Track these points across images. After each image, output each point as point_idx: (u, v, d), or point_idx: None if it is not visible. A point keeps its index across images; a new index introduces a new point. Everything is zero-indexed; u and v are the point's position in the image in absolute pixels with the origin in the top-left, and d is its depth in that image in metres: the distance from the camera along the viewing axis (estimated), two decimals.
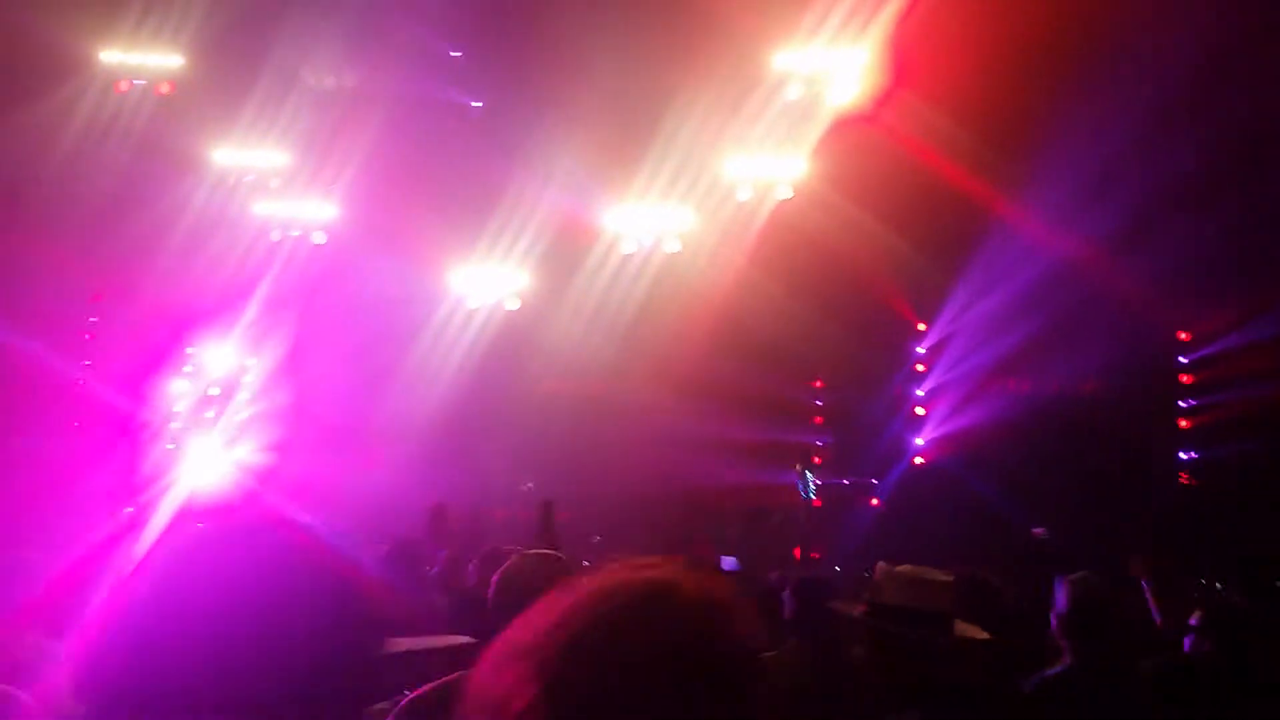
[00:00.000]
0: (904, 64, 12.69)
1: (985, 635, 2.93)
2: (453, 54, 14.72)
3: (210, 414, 14.29)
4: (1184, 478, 13.37)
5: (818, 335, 13.27)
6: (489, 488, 13.11)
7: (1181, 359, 13.50)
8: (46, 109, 13.53)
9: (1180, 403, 13.52)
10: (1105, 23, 11.36)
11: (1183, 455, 13.45)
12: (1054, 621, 3.70)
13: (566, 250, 14.65)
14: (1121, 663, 3.74)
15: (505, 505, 12.80)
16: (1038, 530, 9.86)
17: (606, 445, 13.53)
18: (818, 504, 12.51)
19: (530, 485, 13.26)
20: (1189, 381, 13.48)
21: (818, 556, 11.41)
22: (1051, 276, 12.56)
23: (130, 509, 10.75)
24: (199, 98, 14.21)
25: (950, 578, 2.90)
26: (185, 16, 13.79)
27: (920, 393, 14.32)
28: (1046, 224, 12.53)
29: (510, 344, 14.69)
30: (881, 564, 2.95)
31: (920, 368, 14.43)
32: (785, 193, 13.90)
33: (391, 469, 12.78)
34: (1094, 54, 11.62)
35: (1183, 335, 13.48)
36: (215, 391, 14.46)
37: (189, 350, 14.50)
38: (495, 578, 3.51)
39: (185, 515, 11.07)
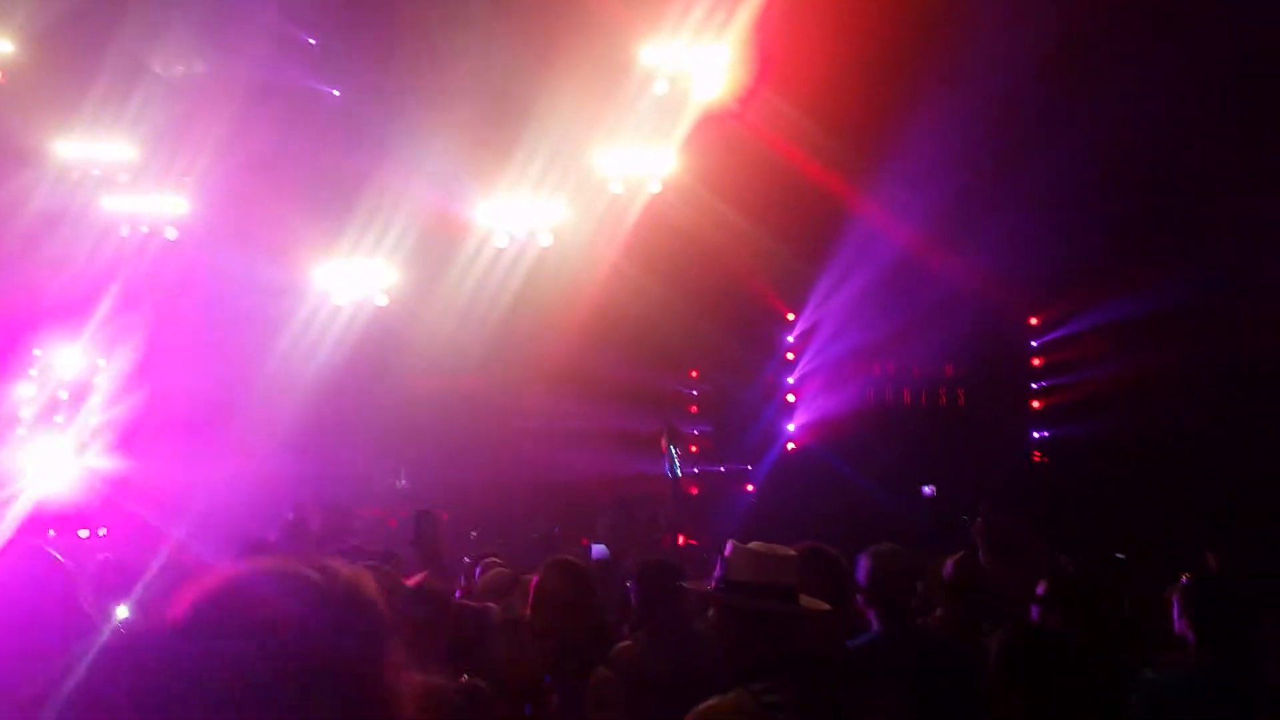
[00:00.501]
0: (764, 61, 12.91)
1: (826, 606, 3.03)
2: (309, 40, 14.26)
3: (59, 418, 13.56)
4: (1036, 456, 14.08)
5: (691, 327, 13.43)
6: (360, 485, 12.83)
7: (1033, 343, 14.19)
8: None
9: (1032, 384, 14.22)
10: (952, 22, 11.78)
11: (1035, 434, 14.16)
12: (860, 592, 3.88)
13: (437, 245, 14.40)
14: (925, 629, 4.09)
15: (379, 503, 12.54)
16: (927, 489, 10.23)
17: (479, 440, 13.41)
18: (692, 490, 12.67)
19: (404, 482, 13.04)
20: (1040, 364, 14.19)
21: (695, 544, 11.56)
22: (906, 267, 13.02)
23: None
24: (36, 86, 13.40)
25: (794, 552, 3.00)
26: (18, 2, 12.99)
27: (791, 380, 14.66)
28: (900, 217, 12.97)
29: (380, 340, 14.37)
30: (731, 541, 3.01)
31: (790, 356, 14.78)
32: (655, 187, 13.98)
33: (256, 469, 12.38)
34: (940, 52, 12.01)
35: (1033, 320, 14.17)
36: (64, 394, 13.73)
37: (35, 351, 13.73)
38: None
39: (34, 523, 10.54)
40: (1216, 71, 10.91)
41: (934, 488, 10.55)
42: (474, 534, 10.89)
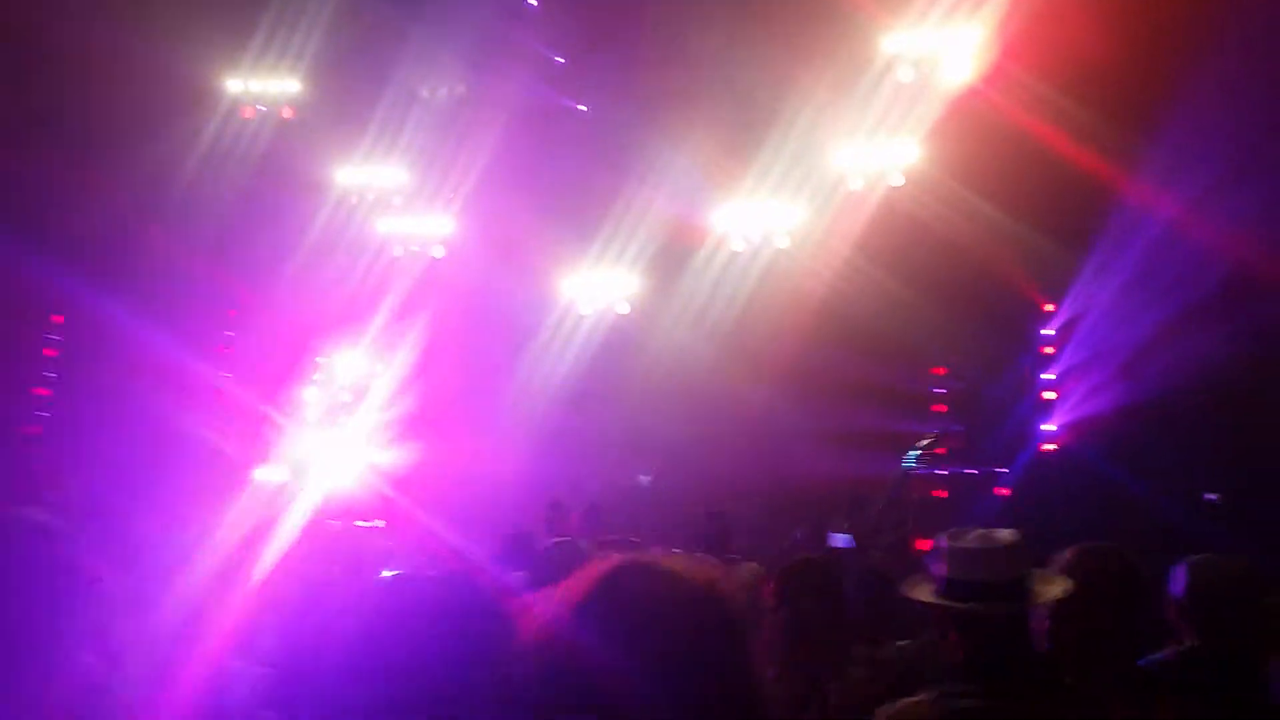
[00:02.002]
0: (1016, 40, 12.30)
1: (1067, 586, 2.74)
2: (558, 59, 14.95)
3: (342, 418, 14.90)
4: None
5: (937, 323, 12.89)
6: (605, 483, 13.21)
7: None
8: (177, 136, 14.36)
9: None
10: None
11: None
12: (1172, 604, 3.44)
13: (675, 251, 14.67)
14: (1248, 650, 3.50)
15: (623, 498, 12.86)
16: (1210, 496, 9.33)
17: (720, 440, 13.46)
18: (940, 493, 12.13)
19: (647, 479, 13.32)
20: None
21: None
22: (1181, 249, 11.86)
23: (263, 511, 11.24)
24: (319, 120, 14.85)
25: (1016, 539, 2.71)
26: (304, 43, 14.44)
27: (1048, 377, 13.72)
28: (1172, 197, 11.88)
29: (621, 344, 14.79)
30: (943, 535, 2.77)
31: (1049, 350, 13.83)
32: (897, 180, 13.60)
33: (510, 466, 13.04)
34: (1227, 17, 10.99)
35: None
36: (346, 398, 15.06)
37: (319, 359, 15.16)
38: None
39: (320, 517, 11.59)
40: None
41: (1218, 495, 9.50)
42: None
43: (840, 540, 8.43)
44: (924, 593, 2.78)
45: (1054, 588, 2.75)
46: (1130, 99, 11.65)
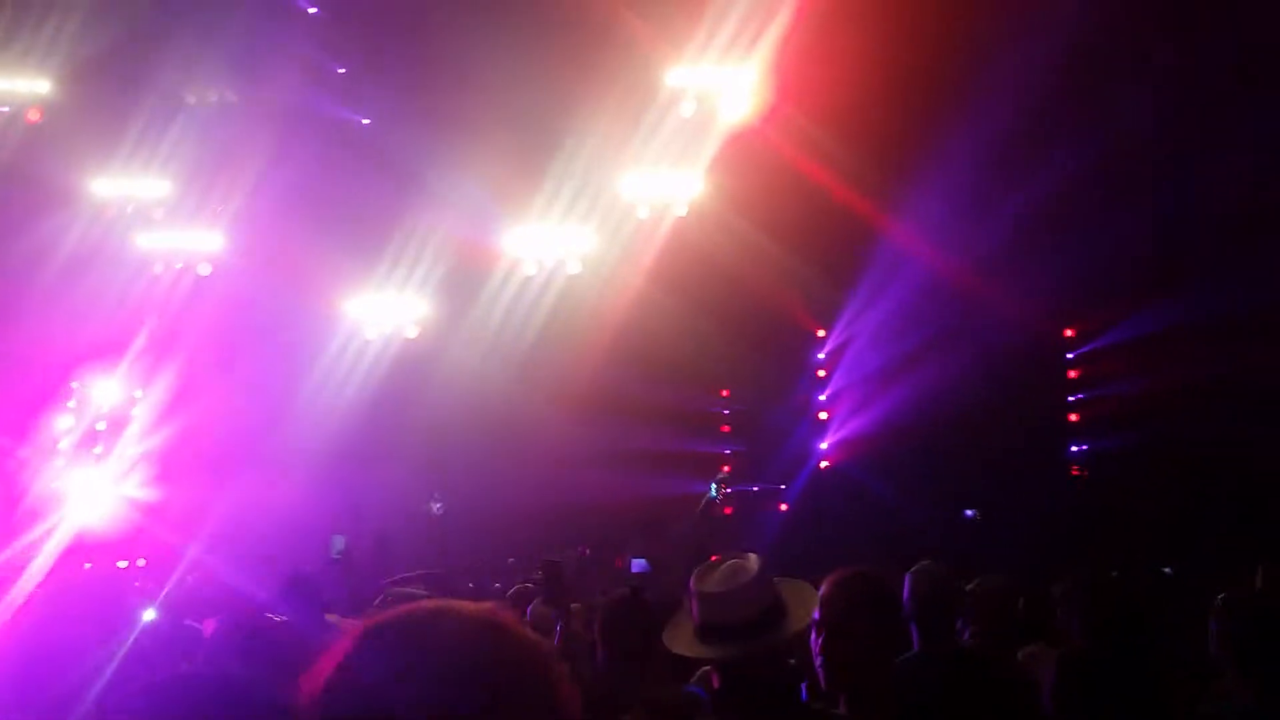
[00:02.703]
0: (790, 82, 12.95)
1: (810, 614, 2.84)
2: (338, 69, 14.46)
3: (98, 448, 13.73)
4: (1075, 470, 13.86)
5: (720, 347, 13.39)
6: (395, 511, 12.86)
7: (1068, 355, 14.01)
8: None
9: (1069, 397, 14.02)
10: (977, 43, 11.76)
11: (1074, 448, 13.94)
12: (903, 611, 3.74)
13: (466, 275, 14.49)
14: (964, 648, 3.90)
15: (416, 527, 12.57)
16: (969, 512, 10.09)
17: (510, 465, 13.42)
18: (725, 510, 12.59)
19: (438, 506, 13.06)
20: (1076, 376, 13.99)
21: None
22: (937, 281, 12.93)
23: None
24: (72, 125, 13.67)
25: (757, 571, 2.66)
26: (53, 40, 13.28)
27: (822, 398, 14.56)
28: (927, 235, 12.90)
29: (409, 370, 14.44)
30: (693, 575, 2.72)
31: (821, 373, 14.68)
32: (681, 210, 14.01)
33: (290, 496, 12.44)
34: (967, 73, 11.99)
35: (1068, 332, 13.99)
36: (102, 425, 13.90)
37: (73, 384, 13.92)
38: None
39: (73, 551, 10.66)
40: (1243, 73, 10.82)
41: (975, 511, 10.39)
42: (511, 560, 10.85)
43: (638, 565, 8.60)
44: (680, 643, 2.84)
45: (801, 618, 2.72)
46: (886, 141, 12.54)
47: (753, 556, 2.70)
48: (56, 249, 13.63)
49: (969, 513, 9.98)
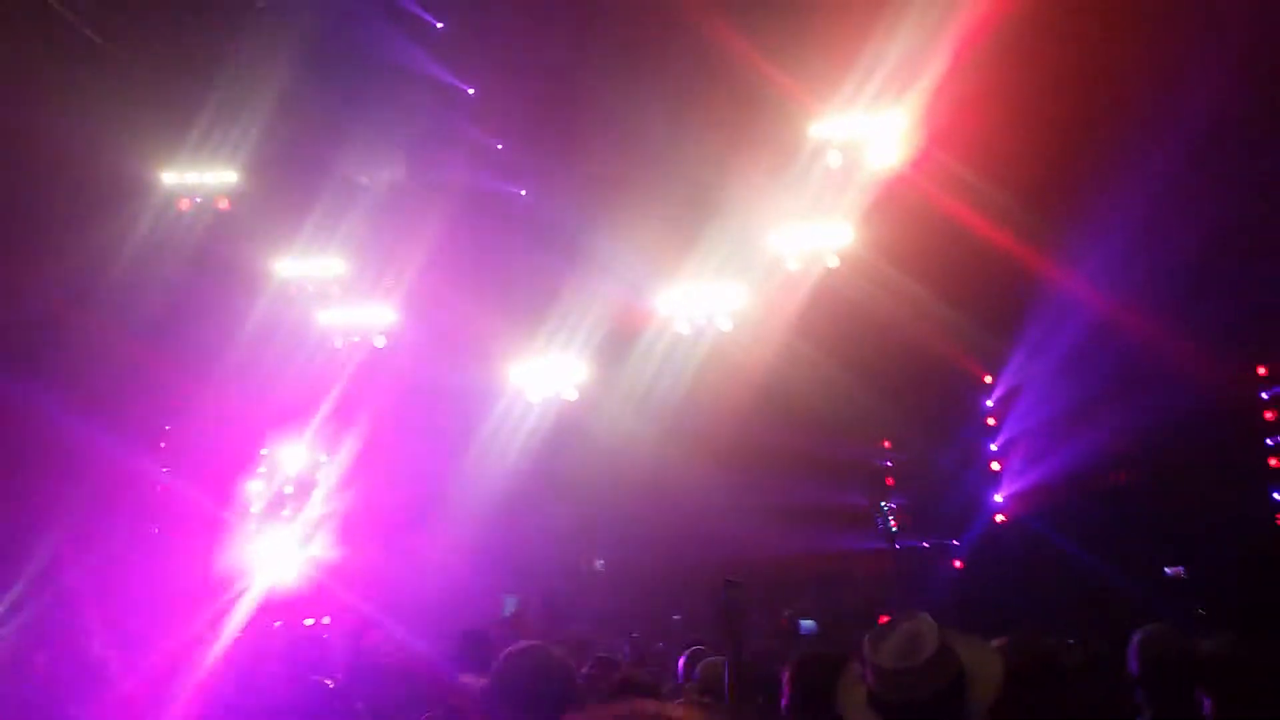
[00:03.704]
0: (941, 127, 12.79)
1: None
2: (497, 145, 15.13)
3: (285, 511, 14.51)
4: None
5: (879, 398, 13.12)
6: (559, 569, 13.04)
7: (1263, 394, 13.02)
8: (113, 227, 14.13)
9: (1267, 440, 12.99)
10: (1139, 81, 11.39)
11: (1276, 495, 12.88)
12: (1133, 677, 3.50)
13: (620, 336, 14.73)
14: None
15: (576, 585, 12.71)
16: (1170, 570, 9.45)
17: (671, 521, 13.43)
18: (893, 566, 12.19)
19: (600, 564, 13.16)
20: (1274, 418, 12.98)
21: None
22: (1111, 325, 12.34)
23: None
24: (257, 211, 14.74)
25: (936, 648, 2.55)
26: (242, 134, 14.40)
27: (994, 447, 13.97)
28: (1097, 276, 12.38)
29: (568, 430, 14.73)
30: (867, 641, 2.63)
31: (991, 422, 14.12)
32: (832, 261, 13.93)
33: (459, 557, 12.79)
34: (1130, 111, 11.60)
35: (1261, 370, 13.03)
36: (289, 490, 14.69)
37: (263, 451, 14.81)
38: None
39: (263, 611, 11.25)
40: None
41: (1179, 568, 9.67)
42: (677, 618, 10.79)
43: (806, 626, 8.41)
44: (854, 709, 2.66)
45: (984, 695, 2.56)
46: (1046, 182, 12.16)
47: (929, 624, 2.58)
48: (244, 326, 14.63)
49: (1170, 570, 9.28)
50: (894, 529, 13.10)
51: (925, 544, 13.07)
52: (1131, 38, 11.69)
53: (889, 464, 14.36)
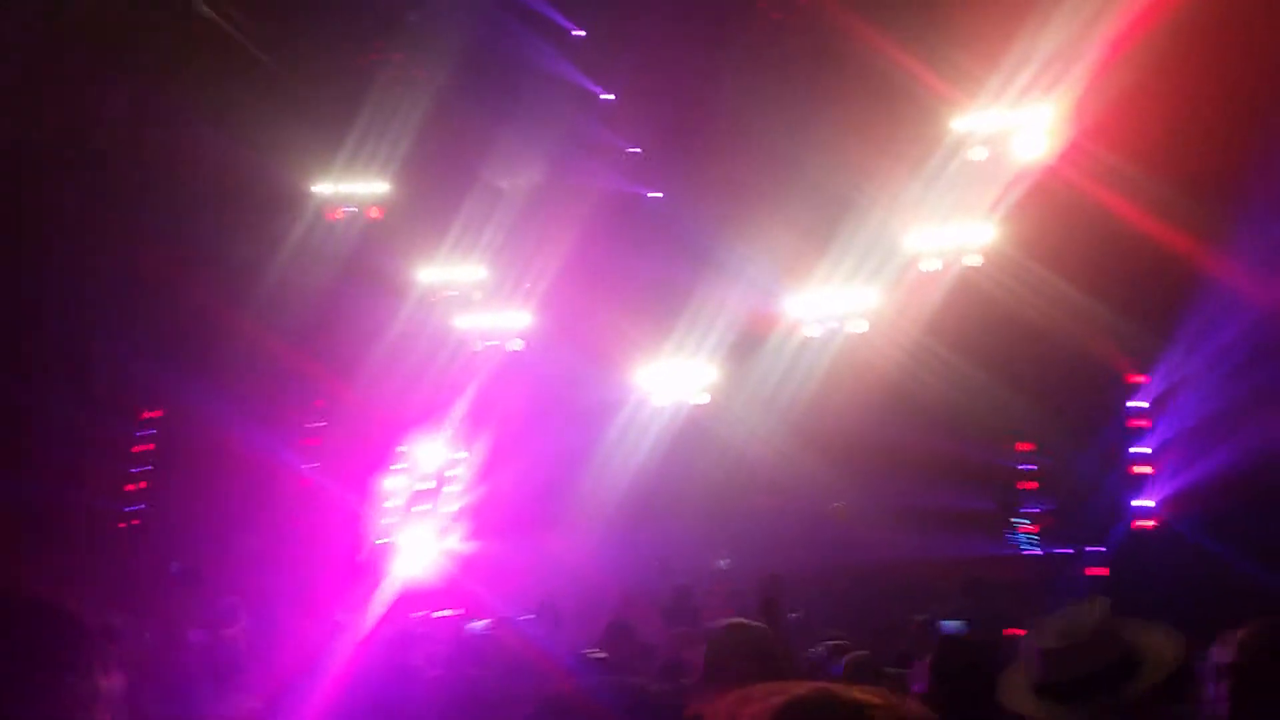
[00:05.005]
0: (1093, 118, 12.29)
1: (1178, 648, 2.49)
2: (632, 150, 15.34)
3: (423, 506, 15.04)
4: None
5: (1020, 400, 12.63)
6: (687, 566, 13.02)
7: None
8: (268, 237, 14.99)
9: None
10: None
11: None
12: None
13: (750, 339, 14.66)
14: None
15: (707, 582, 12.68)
16: None
17: (796, 522, 13.25)
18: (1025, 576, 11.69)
19: (725, 562, 13.10)
20: None
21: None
22: (1272, 323, 11.53)
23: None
24: (404, 219, 15.38)
25: (1103, 615, 2.47)
26: (392, 147, 15.06)
27: (1141, 450, 13.22)
28: (1259, 271, 11.59)
29: (697, 432, 14.72)
30: (1030, 635, 2.55)
31: (1138, 423, 13.38)
32: (974, 260, 13.53)
33: (589, 556, 12.95)
34: None
35: None
36: (428, 485, 15.23)
37: (402, 449, 15.39)
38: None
39: (400, 603, 11.67)
40: None
41: None
42: (794, 615, 10.60)
43: (949, 626, 8.11)
44: (1017, 699, 2.57)
45: (1160, 668, 2.44)
46: (1208, 175, 11.51)
47: (1095, 606, 2.52)
48: (388, 332, 15.26)
49: None
50: (1036, 534, 12.52)
51: (1069, 550, 12.47)
52: None
53: (1032, 468, 13.78)
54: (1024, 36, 12.21)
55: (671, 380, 14.95)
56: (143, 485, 15.41)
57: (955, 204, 13.47)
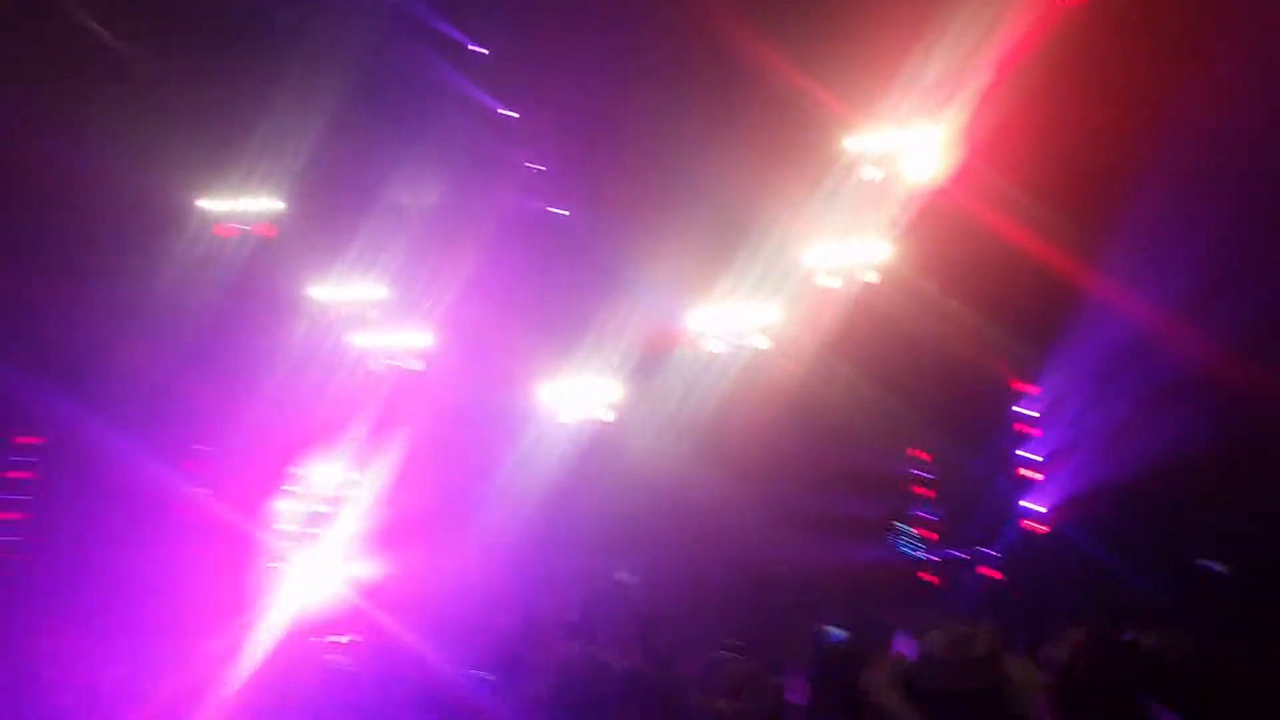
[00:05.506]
0: (983, 138, 12.71)
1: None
2: (535, 167, 15.29)
3: (318, 530, 14.66)
4: None
5: (915, 411, 12.95)
6: (587, 584, 12.96)
7: None
8: (156, 256, 14.50)
9: None
10: (1177, 94, 11.27)
11: None
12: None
13: (653, 356, 14.72)
14: None
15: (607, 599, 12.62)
16: (1210, 564, 9.21)
17: (700, 534, 13.32)
18: (934, 580, 11.97)
19: (628, 576, 13.09)
20: None
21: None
22: (1151, 334, 12.09)
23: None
24: (299, 237, 15.04)
25: (989, 643, 2.57)
26: (287, 164, 14.73)
27: (1031, 457, 13.70)
28: (1136, 288, 12.15)
29: (601, 448, 14.70)
30: (914, 641, 2.66)
31: (1027, 431, 13.86)
32: (870, 277, 13.81)
33: (491, 575, 12.79)
34: (1169, 123, 11.45)
35: None
36: (324, 508, 14.86)
37: (297, 471, 14.99)
38: None
39: (296, 630, 11.34)
40: None
41: (1221, 565, 9.44)
42: (696, 629, 10.62)
43: (836, 635, 8.22)
44: (885, 695, 2.62)
45: (1025, 699, 2.57)
46: (1089, 197, 12.00)
47: (989, 631, 2.64)
48: (285, 351, 14.87)
49: (1214, 565, 9.09)
50: (929, 540, 12.83)
51: (962, 554, 12.83)
52: (1171, 52, 11.60)
53: (926, 476, 14.12)
54: (913, 59, 12.56)
55: (576, 398, 14.88)
56: (20, 515, 14.72)
57: (852, 222, 13.75)
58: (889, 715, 2.63)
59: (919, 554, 12.46)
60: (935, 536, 13.14)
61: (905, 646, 2.68)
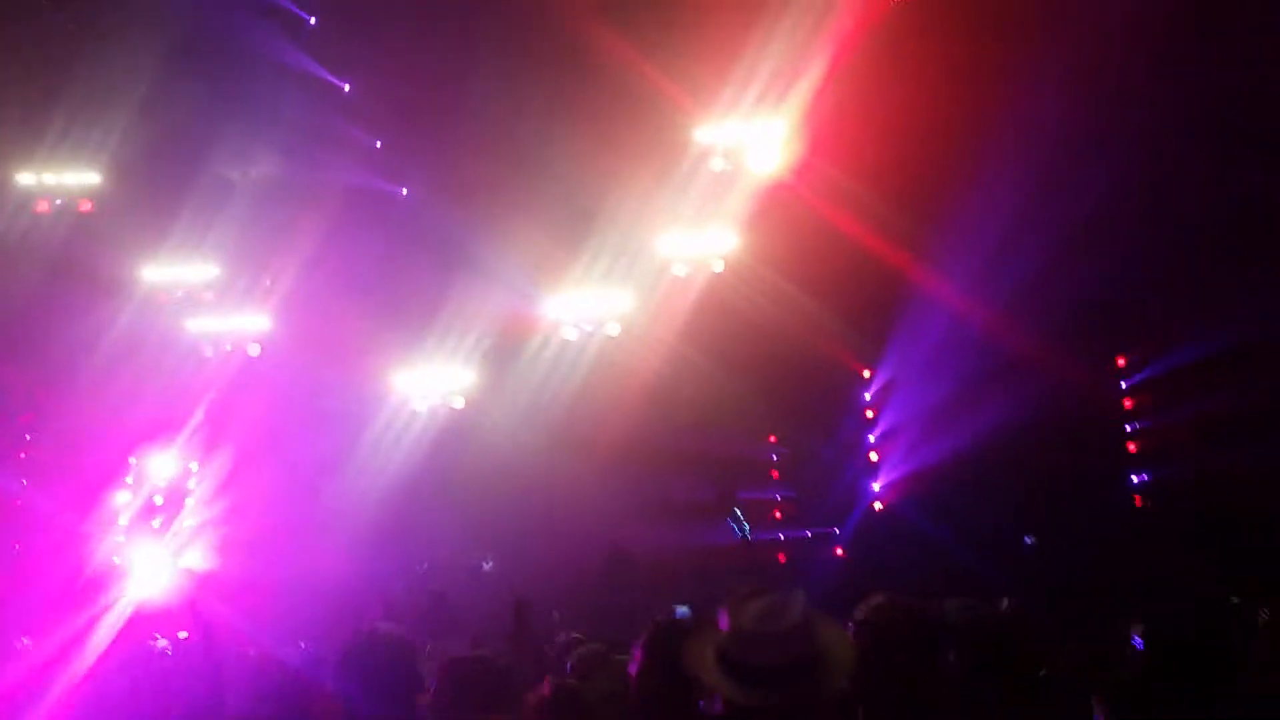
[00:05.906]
0: (819, 135, 13.09)
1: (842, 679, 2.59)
2: (375, 143, 14.83)
3: (155, 522, 13.91)
4: (1138, 500, 13.51)
5: (763, 396, 13.35)
6: (447, 571, 12.87)
7: (1122, 384, 13.76)
8: None
9: (1126, 426, 13.73)
10: (1001, 89, 11.88)
11: (1134, 478, 13.59)
12: None
13: (507, 342, 14.59)
14: None
15: (470, 586, 12.57)
16: (1028, 539, 9.91)
17: (557, 522, 13.40)
18: (780, 556, 12.43)
19: (489, 564, 13.05)
20: (1131, 405, 13.72)
21: None
22: (980, 321, 12.86)
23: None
24: (121, 213, 14.10)
25: (798, 614, 2.48)
26: (104, 133, 13.78)
27: (872, 438, 14.40)
28: (966, 276, 12.86)
29: (455, 436, 14.50)
30: (723, 610, 2.56)
31: (870, 414, 14.54)
32: (718, 266, 14.07)
33: (339, 562, 12.49)
34: (993, 118, 12.06)
35: (1120, 361, 13.76)
36: (159, 500, 14.10)
37: (130, 461, 14.16)
38: None
39: (133, 624, 10.78)
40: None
41: (1033, 538, 10.24)
42: (556, 614, 10.75)
43: (681, 611, 8.45)
44: (702, 668, 2.52)
45: (840, 673, 2.49)
46: (919, 191, 12.59)
47: (798, 598, 2.51)
48: (111, 334, 13.96)
49: (1028, 539, 9.86)
50: (778, 519, 13.33)
51: (808, 533, 13.38)
52: (993, 46, 12.18)
53: (775, 458, 14.61)
54: (753, 52, 12.76)
55: (428, 384, 14.59)
56: None
57: (701, 212, 13.95)
58: (707, 688, 2.64)
59: (767, 534, 12.92)
60: (782, 517, 13.62)
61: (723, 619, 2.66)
